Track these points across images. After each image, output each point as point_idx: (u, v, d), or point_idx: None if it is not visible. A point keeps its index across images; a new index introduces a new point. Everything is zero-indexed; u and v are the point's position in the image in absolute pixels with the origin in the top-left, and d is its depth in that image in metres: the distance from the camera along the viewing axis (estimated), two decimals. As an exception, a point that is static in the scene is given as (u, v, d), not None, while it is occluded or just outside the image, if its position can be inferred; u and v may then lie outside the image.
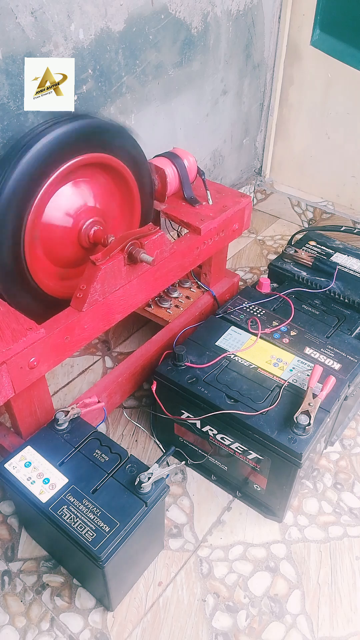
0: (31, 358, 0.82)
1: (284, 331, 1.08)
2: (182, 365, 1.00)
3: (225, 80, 1.54)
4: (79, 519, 0.74)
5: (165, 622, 0.86)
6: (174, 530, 0.97)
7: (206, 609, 0.87)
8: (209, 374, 0.99)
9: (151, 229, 0.97)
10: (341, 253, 1.32)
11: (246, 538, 0.97)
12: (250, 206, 1.23)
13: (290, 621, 0.86)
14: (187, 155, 1.16)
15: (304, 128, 1.77)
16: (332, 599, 0.89)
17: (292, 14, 1.59)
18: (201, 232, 1.11)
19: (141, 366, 1.12)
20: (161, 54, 1.26)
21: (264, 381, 0.97)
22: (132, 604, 0.87)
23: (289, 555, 0.94)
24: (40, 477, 0.79)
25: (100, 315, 0.94)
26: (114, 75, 1.17)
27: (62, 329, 0.87)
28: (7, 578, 0.90)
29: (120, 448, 0.84)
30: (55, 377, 1.26)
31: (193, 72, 1.40)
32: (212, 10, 1.36)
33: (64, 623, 0.85)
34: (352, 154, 1.69)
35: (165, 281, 1.07)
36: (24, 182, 0.86)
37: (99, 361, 1.31)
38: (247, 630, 0.85)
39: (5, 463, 0.81)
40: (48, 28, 0.98)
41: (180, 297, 1.29)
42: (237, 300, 1.17)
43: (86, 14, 1.04)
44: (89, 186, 1.02)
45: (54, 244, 0.99)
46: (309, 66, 1.64)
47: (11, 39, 0.93)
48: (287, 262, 1.30)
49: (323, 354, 1.03)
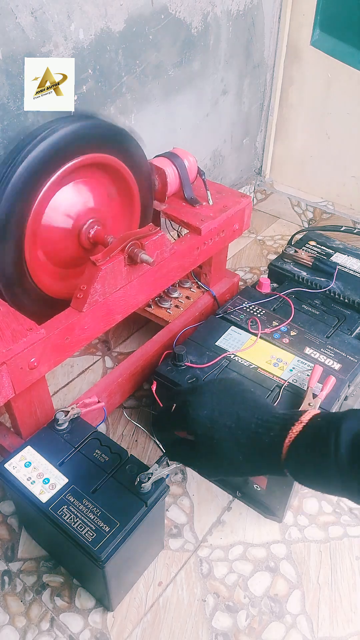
0: (31, 358, 0.82)
1: (284, 331, 1.09)
2: (182, 365, 1.00)
3: (225, 80, 1.54)
4: (79, 519, 0.74)
5: (165, 622, 0.86)
6: (174, 530, 0.97)
7: (206, 609, 0.87)
8: (209, 374, 0.99)
9: (151, 230, 0.97)
10: (341, 253, 1.32)
11: (246, 538, 0.97)
12: (250, 206, 1.23)
13: (290, 621, 0.86)
14: (187, 156, 1.16)
15: (304, 128, 1.77)
16: (332, 599, 0.89)
17: (292, 14, 1.59)
18: (201, 232, 1.11)
19: (141, 366, 1.12)
20: (161, 54, 1.26)
21: (264, 381, 0.97)
22: (132, 604, 0.88)
23: (289, 555, 0.94)
24: (40, 477, 0.79)
25: (101, 315, 0.94)
26: (114, 75, 1.17)
27: (62, 329, 0.87)
28: (7, 578, 0.90)
29: (120, 448, 0.84)
30: (55, 377, 1.26)
31: (193, 72, 1.40)
32: (212, 10, 1.36)
33: (64, 623, 0.85)
34: (352, 154, 1.69)
35: (165, 281, 1.07)
36: (26, 182, 0.86)
37: (99, 361, 1.31)
38: (247, 630, 0.85)
39: (5, 463, 0.81)
40: (48, 28, 0.98)
41: (180, 297, 1.29)
42: (237, 300, 1.17)
43: (86, 14, 1.04)
44: (89, 187, 1.02)
45: (54, 244, 0.99)
46: (309, 66, 1.64)
47: (11, 39, 0.93)
48: (287, 262, 1.30)
49: (323, 354, 1.03)
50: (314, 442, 0.54)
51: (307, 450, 0.54)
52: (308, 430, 0.56)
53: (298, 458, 0.55)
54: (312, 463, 0.54)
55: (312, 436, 0.55)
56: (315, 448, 0.53)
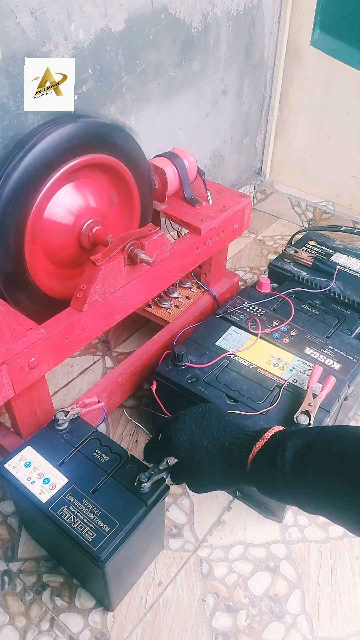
0: (31, 358, 0.82)
1: (284, 331, 1.09)
2: (182, 365, 1.00)
3: (225, 80, 1.54)
4: (79, 519, 0.74)
5: (165, 622, 0.86)
6: (174, 530, 0.97)
7: (206, 609, 0.87)
8: (209, 374, 0.99)
9: (151, 229, 0.97)
10: (341, 253, 1.32)
11: (246, 538, 0.97)
12: (250, 206, 1.23)
13: (290, 621, 0.86)
14: (187, 155, 1.16)
15: (304, 128, 1.77)
16: (332, 599, 0.89)
17: (292, 14, 1.59)
18: (201, 232, 1.11)
19: (141, 366, 1.12)
20: (161, 54, 1.26)
21: (264, 381, 0.97)
22: (132, 604, 0.88)
23: (289, 555, 0.94)
24: (40, 477, 0.79)
25: (101, 315, 0.94)
26: (114, 75, 1.17)
27: (62, 329, 0.87)
28: (7, 578, 0.90)
29: (120, 448, 0.84)
30: (55, 377, 1.26)
31: (193, 72, 1.40)
32: (212, 10, 1.36)
33: (64, 623, 0.85)
34: (352, 154, 1.69)
35: (165, 281, 1.07)
36: (26, 183, 0.86)
37: (99, 361, 1.31)
38: (247, 630, 0.85)
39: (5, 463, 0.81)
40: (48, 28, 0.98)
41: (180, 297, 1.29)
42: (237, 300, 1.17)
43: (86, 14, 1.04)
44: (89, 187, 1.02)
45: (54, 244, 0.99)
46: (309, 66, 1.64)
47: (11, 39, 0.93)
48: (287, 262, 1.30)
49: (323, 354, 1.03)
50: (268, 457, 0.61)
51: (263, 464, 0.62)
52: (266, 446, 0.62)
53: (258, 471, 0.62)
54: (267, 476, 0.61)
55: (267, 452, 0.62)
56: (268, 462, 0.61)
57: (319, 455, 0.57)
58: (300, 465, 0.58)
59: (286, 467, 0.59)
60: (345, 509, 0.55)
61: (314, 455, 0.58)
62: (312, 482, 0.57)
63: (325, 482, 0.56)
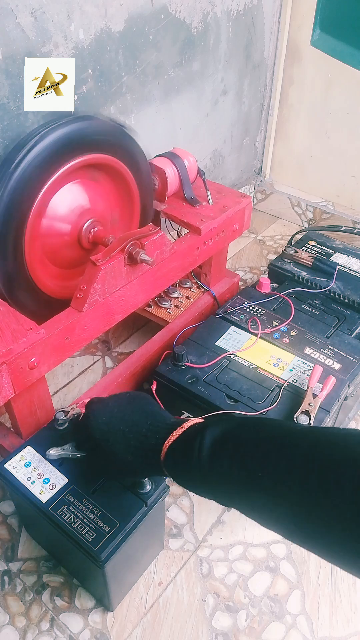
0: (31, 358, 0.82)
1: (284, 331, 1.09)
2: (182, 365, 1.00)
3: (225, 81, 1.54)
4: (79, 519, 0.74)
5: (165, 622, 0.86)
6: (174, 530, 0.97)
7: (206, 609, 0.87)
8: (209, 374, 0.99)
9: (151, 230, 0.97)
10: (341, 253, 1.32)
11: (246, 538, 0.97)
12: (250, 206, 1.23)
13: (290, 621, 0.86)
14: (188, 156, 1.16)
15: (304, 128, 1.77)
16: (332, 599, 0.89)
17: (292, 14, 1.59)
18: (201, 232, 1.11)
19: (141, 366, 1.12)
20: (161, 54, 1.26)
21: (264, 381, 0.97)
22: (132, 604, 0.88)
23: (289, 555, 0.94)
24: (40, 477, 0.79)
25: (101, 315, 0.94)
26: (114, 75, 1.17)
27: (62, 329, 0.87)
28: (7, 578, 0.90)
29: (120, 448, 0.84)
30: (55, 377, 1.26)
31: (193, 72, 1.40)
32: (212, 10, 1.36)
33: (64, 623, 0.85)
34: (352, 154, 1.69)
35: (165, 281, 1.07)
36: (26, 183, 0.86)
37: (99, 361, 1.31)
38: (247, 630, 0.85)
39: (5, 463, 0.81)
40: (48, 28, 0.98)
41: (180, 297, 1.29)
42: (237, 300, 1.17)
43: (86, 14, 1.04)
44: (89, 187, 1.02)
45: (55, 244, 0.99)
46: (309, 66, 1.64)
47: (11, 39, 0.93)
48: (287, 262, 1.30)
49: (323, 354, 1.03)
50: (184, 445, 0.61)
51: (179, 452, 0.61)
52: (184, 434, 0.62)
53: (173, 459, 0.62)
54: (182, 463, 0.61)
55: (184, 440, 0.62)
56: (184, 450, 0.60)
57: (236, 444, 0.56)
58: (217, 454, 0.57)
59: (203, 455, 0.57)
60: (257, 498, 0.54)
61: (232, 445, 0.57)
62: (227, 472, 0.56)
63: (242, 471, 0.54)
